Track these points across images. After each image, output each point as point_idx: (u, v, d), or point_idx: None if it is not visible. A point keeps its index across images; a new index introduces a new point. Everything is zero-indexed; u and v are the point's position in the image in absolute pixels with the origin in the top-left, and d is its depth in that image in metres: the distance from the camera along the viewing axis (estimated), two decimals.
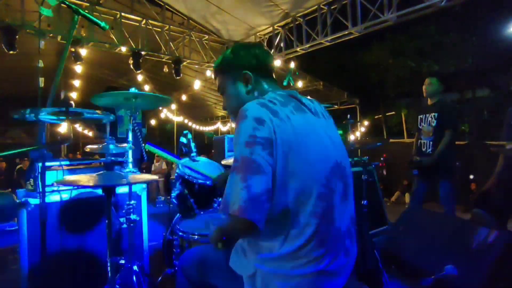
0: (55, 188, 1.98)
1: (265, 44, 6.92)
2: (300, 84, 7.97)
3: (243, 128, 0.93)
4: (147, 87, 9.27)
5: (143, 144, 1.93)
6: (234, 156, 0.95)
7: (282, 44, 6.48)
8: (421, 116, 3.28)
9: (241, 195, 0.88)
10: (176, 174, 2.15)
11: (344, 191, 1.03)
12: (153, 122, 12.90)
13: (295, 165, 0.92)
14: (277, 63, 6.57)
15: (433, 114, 3.15)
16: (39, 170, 2.03)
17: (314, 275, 0.94)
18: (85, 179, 1.46)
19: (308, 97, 1.16)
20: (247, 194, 0.88)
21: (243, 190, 0.88)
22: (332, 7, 5.57)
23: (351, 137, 3.28)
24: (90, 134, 13.76)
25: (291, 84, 2.31)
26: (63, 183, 1.41)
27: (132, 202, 1.84)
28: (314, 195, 0.94)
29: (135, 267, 1.70)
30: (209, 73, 7.96)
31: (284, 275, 0.95)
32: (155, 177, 1.98)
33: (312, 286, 0.95)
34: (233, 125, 1.04)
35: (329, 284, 0.99)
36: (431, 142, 3.14)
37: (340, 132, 1.27)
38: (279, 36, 6.53)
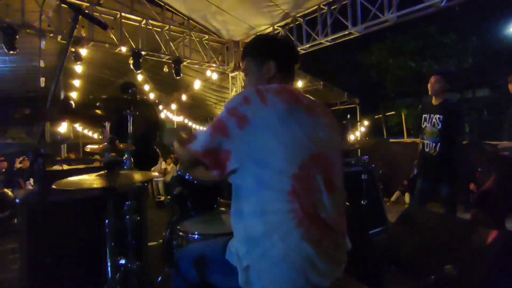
0: (55, 188, 1.98)
1: None
2: (300, 84, 7.97)
3: (233, 100, 1.11)
4: (147, 87, 9.27)
5: None
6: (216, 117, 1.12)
7: None
8: (425, 115, 3.15)
9: (203, 141, 1.08)
10: (176, 174, 2.15)
11: (328, 182, 1.06)
12: None
13: (273, 144, 1.02)
14: None
15: (438, 116, 3.03)
16: (39, 170, 2.03)
17: (303, 262, 0.97)
18: (85, 179, 1.46)
19: (307, 95, 1.20)
20: (205, 139, 1.08)
21: (207, 137, 1.07)
22: (332, 7, 5.57)
23: (351, 137, 3.27)
24: (95, 135, 13.70)
25: None
26: (62, 186, 1.40)
27: (132, 201, 1.84)
28: (289, 174, 1.01)
29: (135, 267, 1.70)
30: (209, 73, 7.96)
31: (274, 264, 0.98)
32: (155, 174, 1.97)
33: (303, 272, 0.97)
34: None
35: (322, 275, 1.00)
36: (434, 144, 3.06)
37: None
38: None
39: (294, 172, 1.01)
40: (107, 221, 1.49)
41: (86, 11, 1.47)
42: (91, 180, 1.44)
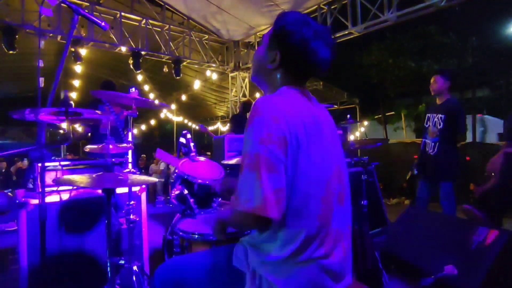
0: (55, 188, 1.98)
1: None
2: None
3: (258, 124, 0.90)
4: (147, 87, 9.27)
5: None
6: (245, 151, 0.92)
7: None
8: (429, 115, 3.21)
9: (257, 193, 0.86)
10: (175, 174, 2.14)
11: (341, 194, 1.04)
12: (153, 122, 12.88)
13: (303, 166, 0.92)
14: None
15: (440, 115, 3.07)
16: (39, 170, 2.03)
17: (316, 275, 0.95)
18: (85, 179, 1.45)
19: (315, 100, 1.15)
20: (265, 192, 0.86)
21: (259, 188, 0.86)
22: (332, 7, 5.58)
23: (351, 137, 3.26)
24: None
25: None
26: (62, 182, 1.41)
27: (132, 202, 1.84)
28: (318, 198, 0.94)
29: (135, 267, 1.70)
30: (209, 73, 7.96)
31: (286, 276, 0.95)
32: (154, 179, 1.94)
33: (315, 286, 0.95)
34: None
35: (333, 285, 0.99)
36: (433, 144, 3.09)
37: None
38: None
39: (322, 194, 0.94)
40: (106, 221, 1.49)
41: (86, 11, 1.46)
42: (90, 179, 1.44)
